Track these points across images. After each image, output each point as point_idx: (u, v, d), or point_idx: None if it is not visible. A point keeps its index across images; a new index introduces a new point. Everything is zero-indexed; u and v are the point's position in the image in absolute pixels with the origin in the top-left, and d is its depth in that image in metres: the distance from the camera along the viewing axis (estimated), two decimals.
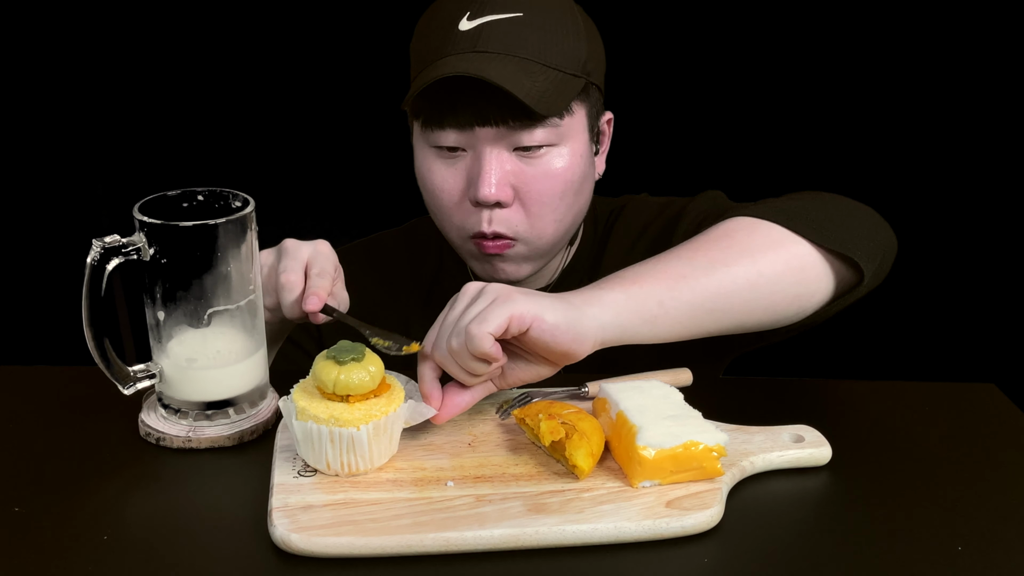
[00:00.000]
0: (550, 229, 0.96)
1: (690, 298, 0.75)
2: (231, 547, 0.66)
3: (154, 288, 0.76)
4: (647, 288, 0.74)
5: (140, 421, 0.80)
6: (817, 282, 0.82)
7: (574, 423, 0.73)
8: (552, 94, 0.90)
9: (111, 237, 0.74)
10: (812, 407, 0.86)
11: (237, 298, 0.77)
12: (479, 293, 0.73)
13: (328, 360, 0.71)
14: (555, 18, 0.92)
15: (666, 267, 0.76)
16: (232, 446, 0.78)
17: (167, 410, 0.80)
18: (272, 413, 0.82)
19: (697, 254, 0.78)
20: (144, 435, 0.79)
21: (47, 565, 0.64)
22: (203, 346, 0.77)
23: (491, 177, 0.91)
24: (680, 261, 0.77)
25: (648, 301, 0.73)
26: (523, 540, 0.66)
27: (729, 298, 0.77)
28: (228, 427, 0.79)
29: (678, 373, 0.89)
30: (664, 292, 0.74)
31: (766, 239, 0.80)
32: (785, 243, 0.80)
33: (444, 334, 0.73)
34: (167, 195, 0.78)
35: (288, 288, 0.82)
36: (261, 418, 0.81)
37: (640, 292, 0.74)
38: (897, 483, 0.75)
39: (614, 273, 0.78)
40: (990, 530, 0.69)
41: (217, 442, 0.78)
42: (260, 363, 0.81)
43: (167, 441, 0.78)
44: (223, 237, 0.75)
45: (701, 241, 0.81)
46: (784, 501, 0.73)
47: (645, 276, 0.75)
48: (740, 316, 0.79)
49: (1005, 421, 0.86)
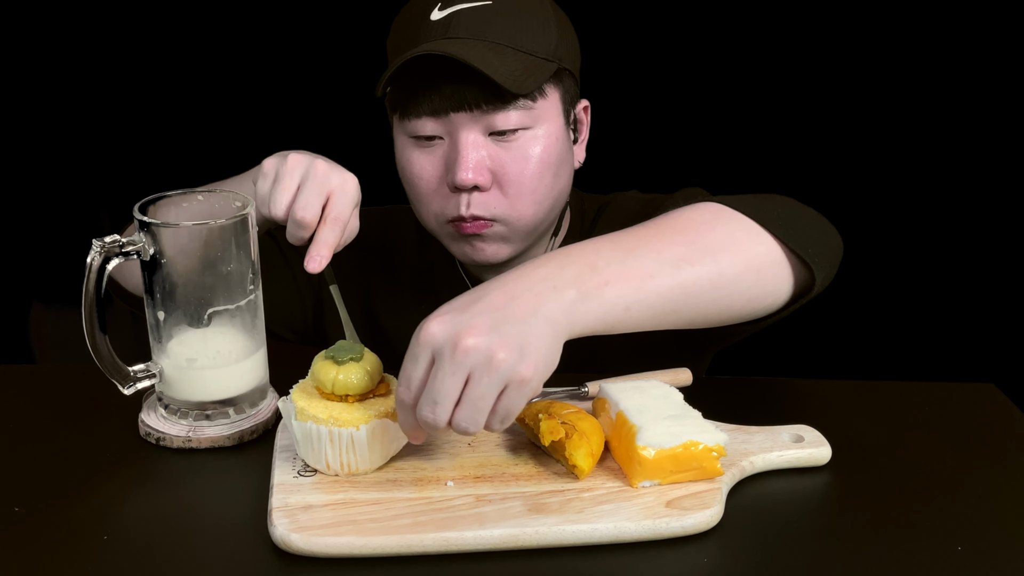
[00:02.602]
0: (529, 211, 0.97)
1: (655, 300, 0.73)
2: (231, 547, 0.66)
3: (154, 288, 0.76)
4: (617, 290, 0.71)
5: (140, 421, 0.80)
6: (774, 284, 0.81)
7: (574, 423, 0.73)
8: (522, 74, 0.91)
9: (111, 237, 0.74)
10: (812, 407, 0.86)
11: (237, 298, 0.77)
12: (481, 364, 0.64)
13: (327, 360, 0.71)
14: (525, 7, 0.95)
15: (636, 264, 0.73)
16: (232, 446, 0.78)
17: (167, 410, 0.80)
18: (272, 413, 0.82)
19: (664, 247, 0.75)
20: (144, 435, 0.79)
21: (47, 565, 0.64)
22: (203, 346, 0.77)
23: (468, 162, 0.93)
24: (648, 255, 0.74)
25: (616, 306, 0.71)
26: (523, 540, 0.66)
27: (688, 298, 0.75)
28: (228, 427, 0.79)
29: (678, 373, 0.89)
30: (632, 295, 0.72)
31: (730, 235, 0.79)
32: (747, 242, 0.79)
33: (439, 410, 0.65)
34: (166, 195, 0.78)
35: (299, 225, 0.81)
36: (261, 418, 0.81)
37: (611, 295, 0.71)
38: (897, 483, 0.75)
39: (584, 251, 0.73)
40: (990, 530, 0.69)
41: (217, 442, 0.78)
42: (260, 363, 0.81)
43: (167, 441, 0.78)
44: (223, 237, 0.75)
45: (667, 230, 0.78)
46: (784, 501, 0.73)
47: (614, 273, 0.72)
48: (696, 314, 0.78)
49: (1005, 421, 0.86)
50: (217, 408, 0.79)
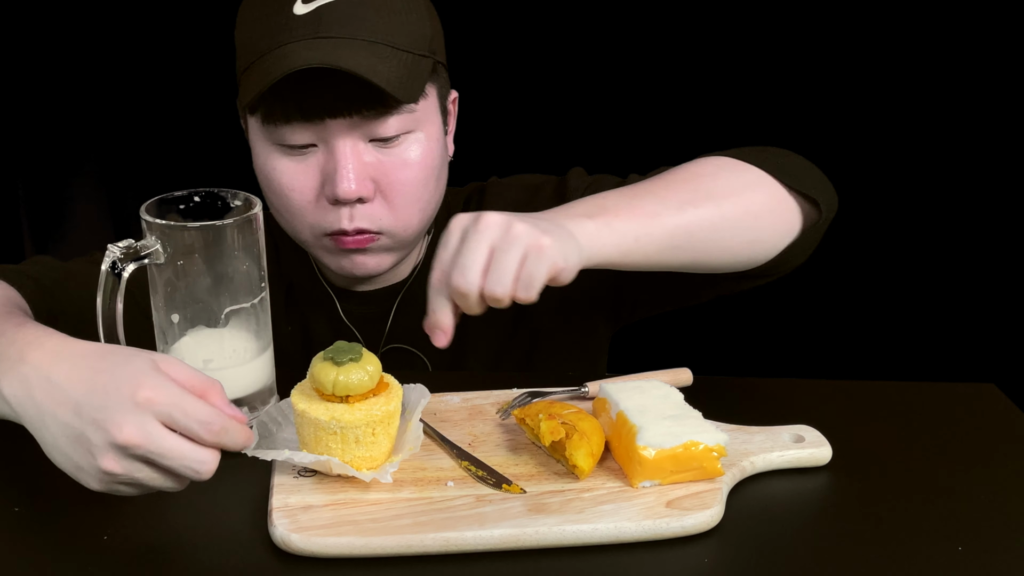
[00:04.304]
0: (415, 220, 0.92)
1: (660, 235, 0.77)
2: (231, 547, 0.66)
3: (168, 290, 0.75)
4: (625, 223, 0.75)
5: None
6: (774, 228, 0.85)
7: (574, 423, 0.73)
8: (407, 78, 0.84)
9: (125, 242, 0.72)
10: (812, 407, 0.86)
11: (252, 295, 0.77)
12: (500, 235, 0.69)
13: (326, 361, 0.71)
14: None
15: (641, 204, 0.78)
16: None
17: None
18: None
19: (668, 193, 0.80)
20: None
21: (47, 565, 0.64)
22: (219, 346, 0.76)
23: (349, 172, 0.85)
24: (654, 199, 0.79)
25: (626, 236, 0.75)
26: (523, 540, 0.66)
27: (692, 236, 0.79)
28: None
29: (678, 373, 0.89)
30: (640, 228, 0.76)
31: (731, 183, 0.83)
32: (748, 188, 0.83)
33: (469, 274, 0.68)
34: (167, 197, 0.77)
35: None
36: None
37: (620, 227, 0.75)
38: (897, 483, 0.75)
39: (592, 197, 0.79)
40: (990, 530, 0.69)
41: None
42: (270, 361, 0.81)
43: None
44: (236, 235, 0.74)
45: (670, 180, 0.83)
46: (784, 501, 0.73)
47: (623, 210, 0.77)
48: (701, 254, 0.82)
49: (1005, 421, 0.86)
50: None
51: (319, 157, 0.87)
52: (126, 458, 0.61)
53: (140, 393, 0.61)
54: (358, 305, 1.02)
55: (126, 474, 0.61)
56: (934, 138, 1.77)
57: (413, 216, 0.91)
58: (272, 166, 0.89)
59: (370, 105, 0.84)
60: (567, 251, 0.70)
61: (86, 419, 0.61)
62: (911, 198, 1.79)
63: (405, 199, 0.90)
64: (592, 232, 0.73)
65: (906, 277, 1.84)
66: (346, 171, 0.85)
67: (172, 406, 0.61)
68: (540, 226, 0.69)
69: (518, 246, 0.68)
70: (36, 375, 0.64)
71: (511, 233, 0.68)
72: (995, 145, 1.75)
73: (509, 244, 0.68)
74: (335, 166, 0.86)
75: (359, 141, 0.86)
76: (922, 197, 1.79)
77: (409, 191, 0.89)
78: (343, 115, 0.84)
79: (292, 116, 0.84)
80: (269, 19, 0.84)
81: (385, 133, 0.86)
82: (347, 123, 0.85)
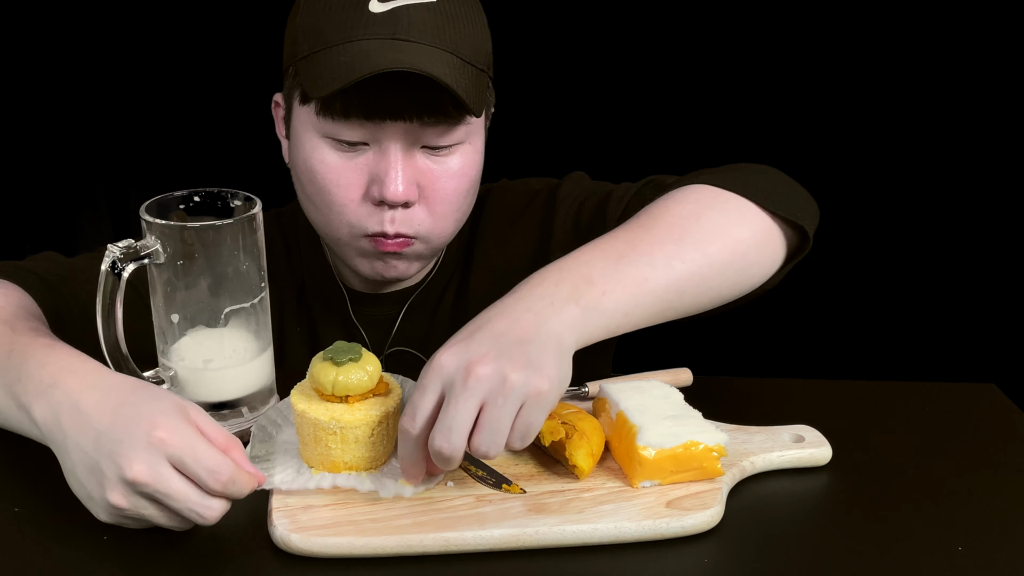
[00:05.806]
0: (451, 228, 0.92)
1: (651, 302, 0.74)
2: (231, 547, 0.66)
3: (168, 291, 0.75)
4: (614, 299, 0.71)
5: None
6: (761, 261, 0.82)
7: (574, 423, 0.73)
8: (474, 91, 0.84)
9: (125, 242, 0.72)
10: (812, 407, 0.86)
11: (252, 295, 0.77)
12: (493, 389, 0.63)
13: (325, 362, 0.71)
14: (465, 6, 0.86)
15: (627, 270, 0.73)
16: None
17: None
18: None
19: (654, 247, 0.75)
20: None
21: (47, 564, 0.64)
22: (220, 346, 0.76)
23: (399, 176, 0.85)
24: (640, 259, 0.74)
25: (616, 315, 0.72)
26: (523, 540, 0.66)
27: (683, 293, 0.76)
28: (230, 428, 0.79)
29: (678, 373, 0.89)
30: (629, 301, 0.72)
31: (716, 222, 0.79)
32: (734, 225, 0.79)
33: (454, 438, 0.63)
34: (167, 197, 0.77)
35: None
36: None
37: (609, 305, 0.71)
38: (897, 483, 0.75)
39: (576, 263, 0.73)
40: (990, 530, 0.69)
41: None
42: (270, 361, 0.81)
43: None
44: (236, 235, 0.74)
45: (654, 227, 0.78)
46: (784, 501, 0.73)
47: (609, 281, 0.72)
48: (690, 306, 0.79)
49: (1005, 421, 0.86)
50: (231, 408, 0.79)
51: (369, 156, 0.87)
52: (134, 494, 0.62)
53: (156, 433, 0.61)
54: (369, 307, 1.02)
55: (132, 509, 0.62)
56: (934, 138, 1.77)
57: (450, 224, 0.92)
58: (319, 158, 0.87)
59: (436, 113, 0.84)
60: (563, 376, 0.67)
61: (103, 451, 0.62)
62: (911, 198, 1.79)
63: (446, 207, 0.90)
64: (579, 320, 0.69)
65: (906, 277, 1.84)
66: (396, 173, 0.85)
67: (184, 449, 0.61)
68: (531, 357, 0.64)
69: (514, 399, 0.63)
70: (67, 401, 0.66)
71: (506, 386, 0.63)
72: (995, 145, 1.75)
73: (505, 399, 0.63)
74: (386, 168, 0.85)
75: (412, 146, 0.86)
76: (922, 197, 1.79)
77: (452, 200, 0.89)
78: (404, 119, 0.84)
79: (352, 113, 0.83)
80: (343, 11, 0.83)
81: (441, 142, 0.86)
82: (404, 127, 0.84)
